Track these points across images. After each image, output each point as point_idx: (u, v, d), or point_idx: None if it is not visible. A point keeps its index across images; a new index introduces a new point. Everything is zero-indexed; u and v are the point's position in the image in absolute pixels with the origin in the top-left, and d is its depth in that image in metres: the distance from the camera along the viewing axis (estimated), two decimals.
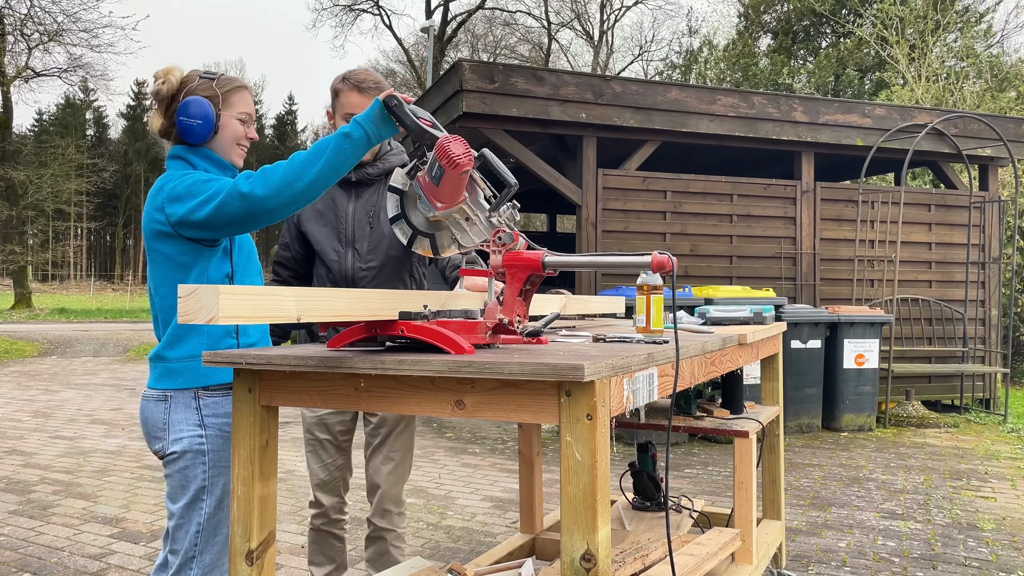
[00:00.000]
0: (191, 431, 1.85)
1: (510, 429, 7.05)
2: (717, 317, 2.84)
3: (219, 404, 1.88)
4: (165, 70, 1.98)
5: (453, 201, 1.69)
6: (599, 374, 1.34)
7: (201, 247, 1.87)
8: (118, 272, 58.50)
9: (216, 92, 1.97)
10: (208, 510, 1.85)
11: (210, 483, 1.86)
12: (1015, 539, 3.97)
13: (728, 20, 35.34)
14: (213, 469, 1.86)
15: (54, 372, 11.82)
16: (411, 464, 2.77)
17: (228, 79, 2.02)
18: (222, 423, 1.88)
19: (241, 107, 2.01)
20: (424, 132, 1.71)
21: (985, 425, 7.38)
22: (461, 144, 1.65)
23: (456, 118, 6.50)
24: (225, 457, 1.88)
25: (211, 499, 1.86)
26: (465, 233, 1.73)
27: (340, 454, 2.70)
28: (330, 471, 2.69)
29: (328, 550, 2.74)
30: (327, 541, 2.73)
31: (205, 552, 1.86)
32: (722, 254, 7.39)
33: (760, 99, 7.36)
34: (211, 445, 1.86)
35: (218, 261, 1.91)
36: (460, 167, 1.63)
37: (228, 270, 1.94)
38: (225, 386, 1.90)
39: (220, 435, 1.87)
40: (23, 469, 5.46)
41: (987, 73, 17.60)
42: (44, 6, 24.62)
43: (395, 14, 48.59)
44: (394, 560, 2.69)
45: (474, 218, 1.72)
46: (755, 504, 2.67)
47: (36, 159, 36.38)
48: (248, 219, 1.76)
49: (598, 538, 1.33)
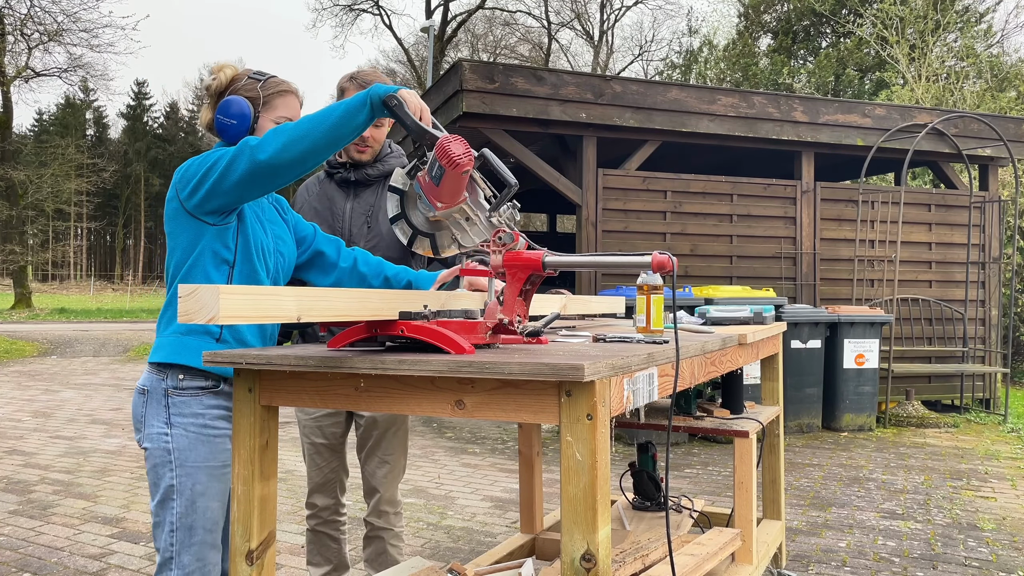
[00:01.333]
0: (159, 428, 1.84)
1: (510, 429, 7.05)
2: (717, 317, 2.84)
3: (187, 404, 1.84)
4: (219, 66, 1.98)
5: (453, 201, 1.69)
6: (599, 374, 1.34)
7: (207, 230, 1.85)
8: (118, 272, 58.53)
9: (259, 94, 1.97)
10: (179, 510, 1.82)
11: (179, 483, 1.82)
12: (1015, 539, 3.97)
13: (728, 20, 35.35)
14: (180, 469, 1.82)
15: (54, 372, 11.82)
16: (405, 464, 2.79)
17: (275, 82, 2.01)
18: (188, 423, 1.83)
19: (283, 111, 1.99)
20: (425, 132, 1.71)
21: (985, 425, 7.38)
22: (462, 144, 1.65)
23: (456, 118, 6.50)
24: (194, 458, 1.83)
25: (181, 500, 1.82)
26: (465, 233, 1.73)
27: (335, 457, 2.72)
28: (325, 474, 2.70)
29: (325, 551, 2.75)
30: (324, 542, 2.74)
31: (183, 553, 1.82)
32: (722, 254, 7.40)
33: (760, 99, 7.36)
34: (176, 444, 1.82)
35: (220, 248, 1.87)
36: (460, 167, 1.63)
37: (230, 258, 1.88)
38: (198, 387, 1.86)
39: (186, 435, 1.83)
40: (23, 469, 5.46)
41: (987, 73, 17.60)
42: (44, 6, 24.64)
43: (395, 14, 48.55)
44: (392, 559, 2.71)
45: (474, 218, 1.72)
46: (755, 504, 2.67)
47: (36, 159, 36.43)
48: (255, 178, 1.74)
49: (598, 538, 1.33)
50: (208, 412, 1.86)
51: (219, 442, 1.86)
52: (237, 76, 1.99)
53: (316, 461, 2.69)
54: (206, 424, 1.85)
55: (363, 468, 2.72)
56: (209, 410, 1.86)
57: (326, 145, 1.72)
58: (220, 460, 1.86)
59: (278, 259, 2.01)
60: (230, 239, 1.88)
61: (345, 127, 1.71)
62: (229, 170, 1.76)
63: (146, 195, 58.15)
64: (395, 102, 1.71)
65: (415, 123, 1.71)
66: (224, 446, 1.87)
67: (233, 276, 1.90)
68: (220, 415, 1.88)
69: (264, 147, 1.72)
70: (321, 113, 1.73)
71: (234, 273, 1.90)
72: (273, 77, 2.02)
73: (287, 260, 2.06)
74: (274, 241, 2.01)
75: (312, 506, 2.72)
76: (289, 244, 2.07)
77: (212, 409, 1.87)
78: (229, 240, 1.88)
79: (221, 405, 1.88)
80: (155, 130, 62.13)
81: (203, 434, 1.84)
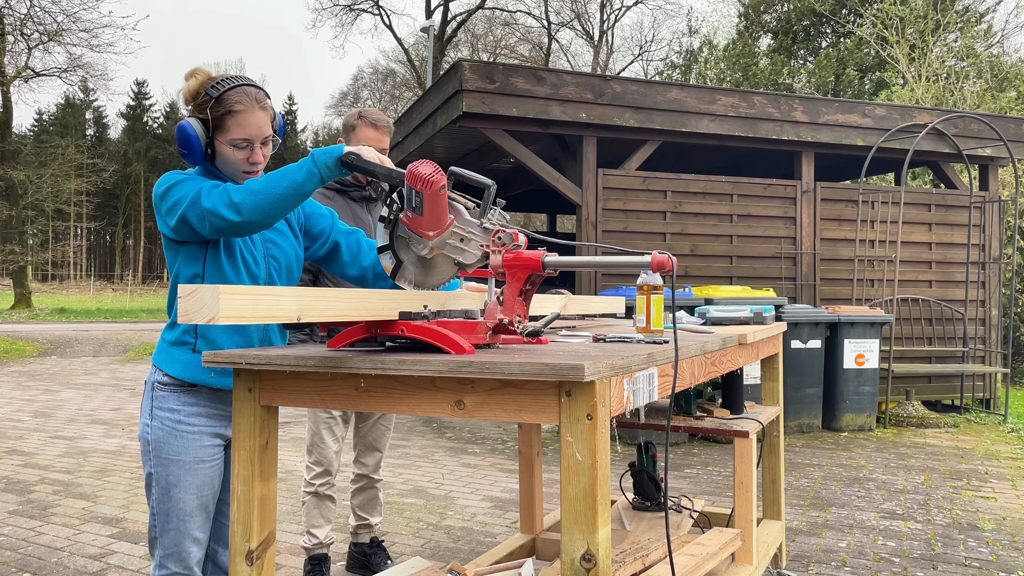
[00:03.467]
0: (145, 420, 1.95)
1: (510, 429, 7.05)
2: (717, 317, 2.84)
3: (166, 399, 1.92)
4: (191, 70, 1.92)
5: (441, 225, 1.71)
6: (599, 374, 1.34)
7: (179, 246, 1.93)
8: (118, 272, 58.52)
9: (209, 116, 1.88)
10: (156, 496, 1.92)
11: (156, 472, 1.91)
12: (1015, 539, 3.97)
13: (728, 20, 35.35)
14: (156, 459, 1.91)
15: (54, 372, 11.82)
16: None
17: (229, 100, 1.87)
18: (165, 417, 1.91)
19: (236, 132, 1.88)
20: (391, 172, 1.77)
21: (985, 425, 7.38)
22: (429, 164, 1.68)
23: (456, 118, 6.50)
24: (168, 451, 1.91)
25: (158, 488, 1.91)
26: (465, 252, 1.76)
27: (346, 427, 3.22)
28: (340, 443, 3.18)
29: (326, 512, 3.18)
30: (326, 504, 3.17)
31: (164, 535, 1.92)
32: (722, 254, 7.39)
33: (760, 99, 7.35)
34: (153, 435, 1.91)
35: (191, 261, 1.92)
36: (436, 184, 1.65)
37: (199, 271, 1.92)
38: (176, 384, 1.93)
39: (162, 428, 1.91)
40: (23, 469, 5.46)
41: (987, 73, 17.60)
42: (44, 6, 24.63)
43: (395, 14, 48.53)
44: (380, 503, 3.35)
45: (467, 235, 1.74)
46: (755, 504, 2.67)
47: (36, 159, 36.41)
48: (216, 231, 1.80)
49: (598, 538, 1.33)
50: (184, 409, 1.93)
51: (192, 438, 1.92)
52: (202, 86, 1.89)
53: (335, 432, 3.15)
54: (180, 420, 1.92)
55: (368, 434, 3.28)
56: (185, 407, 1.93)
57: (273, 216, 1.78)
58: (192, 455, 1.92)
59: (270, 263, 2.02)
60: (197, 253, 1.92)
61: (292, 199, 1.77)
62: (188, 222, 1.82)
63: (146, 195, 58.12)
64: (353, 158, 1.76)
65: (379, 167, 1.77)
66: (198, 442, 1.93)
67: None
68: (196, 412, 1.93)
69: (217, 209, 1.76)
70: (268, 184, 1.76)
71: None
72: (230, 90, 1.87)
73: (283, 262, 2.05)
74: (263, 245, 2.01)
75: (326, 473, 3.14)
76: (285, 247, 2.06)
77: (188, 406, 1.93)
78: (197, 254, 1.92)
79: (199, 403, 1.94)
80: (155, 130, 62.11)
81: (176, 429, 1.92)
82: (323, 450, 3.14)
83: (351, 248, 2.15)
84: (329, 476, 3.15)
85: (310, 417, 3.19)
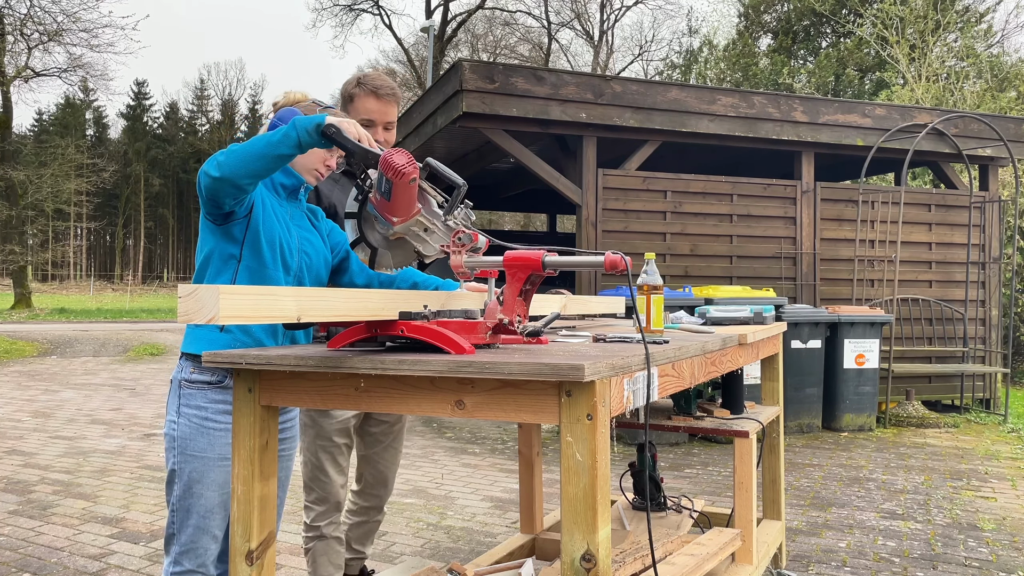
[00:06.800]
0: (172, 416, 1.98)
1: (510, 429, 7.05)
2: (717, 317, 2.84)
3: (193, 396, 1.96)
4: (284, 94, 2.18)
5: (407, 213, 1.73)
6: (599, 374, 1.34)
7: (216, 229, 1.95)
8: (118, 272, 58.52)
9: None
10: (178, 492, 1.95)
11: (179, 468, 1.95)
12: (1015, 539, 3.97)
13: (728, 20, 35.34)
14: (181, 456, 1.95)
15: (54, 372, 11.82)
16: None
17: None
18: (192, 414, 1.95)
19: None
20: (367, 153, 1.76)
21: (985, 425, 7.38)
22: (404, 155, 1.70)
23: (456, 118, 6.50)
24: (194, 447, 1.94)
25: (180, 483, 1.95)
26: (426, 243, 1.78)
27: (352, 453, 2.76)
28: (346, 475, 2.69)
29: (335, 557, 2.66)
30: (334, 548, 2.66)
31: (182, 532, 1.96)
32: (722, 254, 7.39)
33: (760, 99, 7.35)
34: (180, 432, 1.95)
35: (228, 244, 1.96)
36: (407, 175, 1.67)
37: (236, 252, 1.96)
38: (204, 381, 1.96)
39: (190, 425, 1.95)
40: (23, 469, 5.46)
41: (987, 73, 17.59)
42: (44, 6, 24.65)
43: (395, 14, 48.50)
44: (374, 534, 2.93)
45: (431, 227, 1.77)
46: (755, 504, 2.67)
47: (36, 159, 36.41)
48: (212, 192, 1.83)
49: (598, 538, 1.33)
50: (211, 406, 1.96)
51: (219, 435, 1.96)
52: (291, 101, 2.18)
53: (340, 463, 2.64)
54: (207, 417, 1.95)
55: (378, 461, 2.81)
56: (212, 404, 1.96)
57: (247, 174, 1.79)
58: (217, 452, 1.95)
59: (303, 258, 2.08)
60: (237, 233, 1.95)
61: (267, 159, 1.78)
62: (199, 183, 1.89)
63: (146, 195, 58.16)
64: (333, 130, 1.75)
65: (356, 146, 1.76)
66: (224, 440, 1.96)
67: (239, 271, 1.95)
68: (223, 410, 1.97)
69: (205, 166, 1.81)
70: (247, 144, 1.81)
71: (240, 268, 1.95)
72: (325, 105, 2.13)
73: (314, 261, 2.12)
74: (299, 241, 2.08)
75: (335, 508, 2.64)
76: (319, 248, 2.14)
77: (216, 403, 1.96)
78: (237, 234, 1.95)
79: (226, 400, 1.98)
80: (155, 130, 62.13)
81: (203, 426, 1.95)
82: (327, 485, 2.60)
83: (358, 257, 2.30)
84: (336, 514, 2.64)
85: (307, 447, 2.63)
